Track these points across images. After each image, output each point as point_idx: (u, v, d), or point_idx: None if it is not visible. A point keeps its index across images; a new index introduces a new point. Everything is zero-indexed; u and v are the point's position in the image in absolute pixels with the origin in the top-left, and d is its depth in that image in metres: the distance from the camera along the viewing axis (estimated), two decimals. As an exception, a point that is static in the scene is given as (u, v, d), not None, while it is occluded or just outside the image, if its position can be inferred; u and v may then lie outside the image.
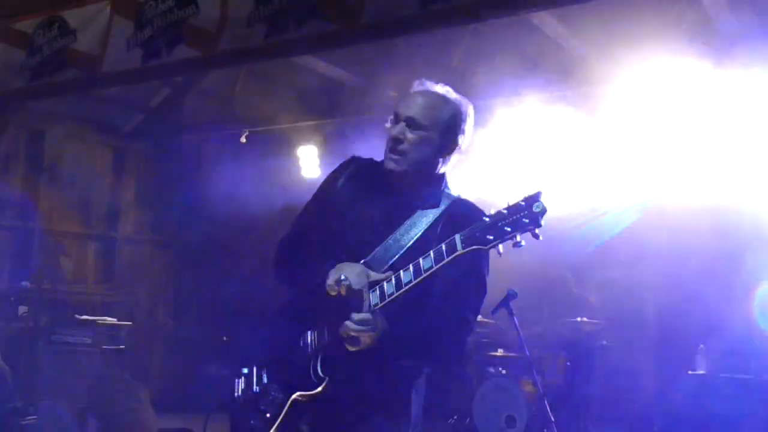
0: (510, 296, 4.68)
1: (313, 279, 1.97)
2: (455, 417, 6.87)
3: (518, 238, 1.69)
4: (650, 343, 7.59)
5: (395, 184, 2.04)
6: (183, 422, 7.01)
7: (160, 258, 8.96)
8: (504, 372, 6.45)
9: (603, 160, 6.40)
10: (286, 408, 1.89)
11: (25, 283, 5.24)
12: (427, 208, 1.98)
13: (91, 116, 8.05)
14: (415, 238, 1.93)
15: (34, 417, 5.94)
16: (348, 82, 6.95)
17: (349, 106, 7.04)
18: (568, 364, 6.40)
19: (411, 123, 1.98)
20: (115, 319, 6.36)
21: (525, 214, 1.66)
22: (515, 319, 4.54)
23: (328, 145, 7.80)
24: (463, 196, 2.08)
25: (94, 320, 6.00)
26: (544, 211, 1.66)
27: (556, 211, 1.93)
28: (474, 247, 1.69)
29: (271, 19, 3.70)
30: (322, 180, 2.20)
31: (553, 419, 4.07)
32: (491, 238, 1.67)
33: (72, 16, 4.56)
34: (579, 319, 6.52)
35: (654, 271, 7.52)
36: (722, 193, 6.48)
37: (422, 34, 4.55)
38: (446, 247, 1.73)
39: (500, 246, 1.71)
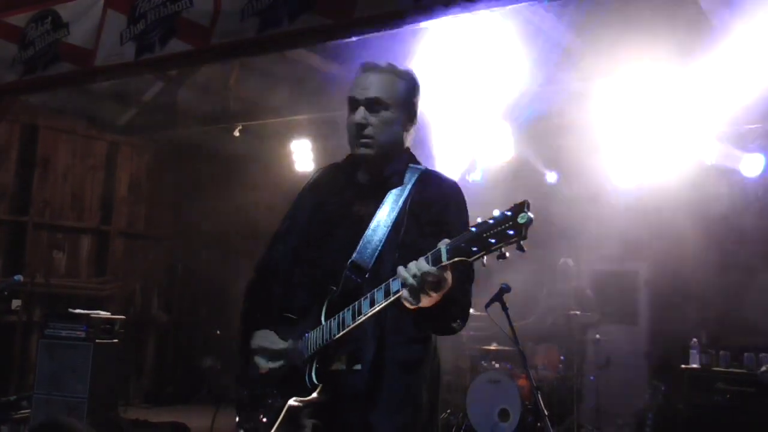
0: (503, 290, 4.69)
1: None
2: (449, 411, 6.90)
3: (503, 250, 1.60)
4: (643, 338, 7.64)
5: (366, 170, 2.02)
6: (176, 416, 7.03)
7: (154, 252, 8.96)
8: (497, 366, 6.48)
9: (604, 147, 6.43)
10: (282, 414, 1.88)
11: (19, 277, 5.20)
12: (396, 187, 1.94)
13: (84, 110, 8.02)
14: (393, 223, 1.87)
15: (27, 411, 5.94)
16: (341, 75, 6.93)
17: (343, 99, 7.02)
18: (562, 357, 6.43)
19: (370, 105, 1.96)
20: (108, 313, 6.34)
21: (510, 225, 1.58)
22: (508, 312, 4.55)
23: (321, 139, 7.80)
24: (429, 167, 2.05)
25: (88, 314, 5.98)
26: (529, 222, 1.58)
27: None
28: (458, 258, 1.60)
29: (264, 12, 3.69)
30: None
31: (546, 413, 4.08)
32: (476, 249, 1.58)
33: (65, 10, 4.53)
34: (573, 312, 6.54)
35: (648, 264, 7.57)
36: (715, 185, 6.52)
37: (416, 27, 4.53)
38: (432, 257, 1.62)
39: (484, 257, 1.62)
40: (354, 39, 3.59)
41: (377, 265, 1.83)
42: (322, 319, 1.84)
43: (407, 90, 1.99)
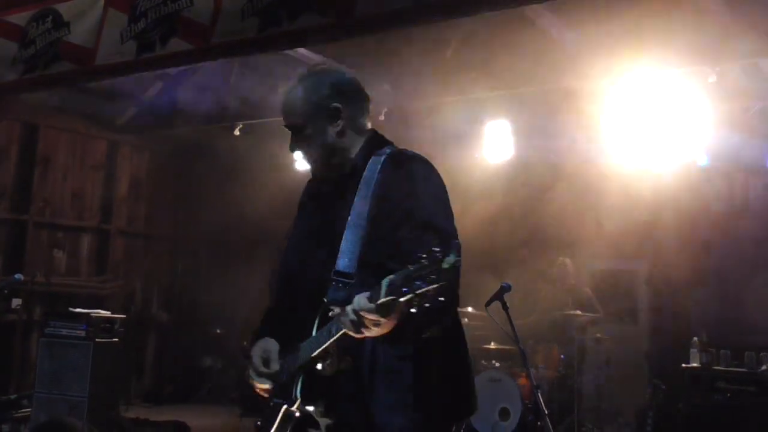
0: (504, 289, 4.69)
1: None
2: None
3: (429, 294, 1.52)
4: (644, 336, 7.64)
5: (332, 183, 2.03)
6: (176, 415, 7.03)
7: (154, 251, 8.96)
8: (497, 365, 6.48)
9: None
10: (278, 418, 1.89)
11: (19, 276, 5.21)
12: (362, 183, 1.89)
13: (85, 109, 8.02)
14: (365, 222, 1.83)
15: (28, 409, 5.94)
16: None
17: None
18: (562, 357, 6.43)
19: (290, 130, 2.00)
20: (108, 312, 6.35)
21: (435, 269, 1.51)
22: (509, 312, 4.55)
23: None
24: (401, 148, 1.99)
25: (88, 313, 5.98)
26: (453, 266, 1.51)
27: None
28: (391, 297, 1.55)
29: (264, 11, 3.69)
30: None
31: (546, 412, 4.09)
32: (406, 290, 1.53)
33: (65, 9, 4.54)
34: (573, 311, 6.54)
35: (648, 263, 7.57)
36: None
37: (416, 27, 4.53)
38: (373, 294, 1.60)
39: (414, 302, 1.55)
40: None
41: (361, 268, 1.81)
42: (314, 330, 1.86)
43: (306, 97, 1.96)
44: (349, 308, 1.65)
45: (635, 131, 5.97)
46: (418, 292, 1.52)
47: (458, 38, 6.07)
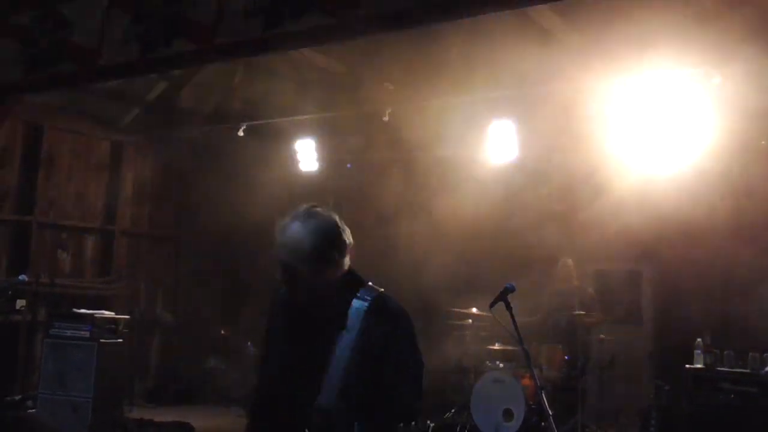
0: (508, 290, 4.67)
1: None
2: (453, 410, 6.89)
3: None
4: (648, 337, 7.62)
5: (315, 316, 2.20)
6: (180, 415, 7.04)
7: (158, 251, 8.97)
8: (501, 366, 6.47)
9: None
10: None
11: (23, 277, 5.23)
12: (345, 330, 2.11)
13: (89, 110, 8.03)
14: (347, 365, 2.07)
15: (33, 410, 5.95)
16: (345, 74, 6.95)
17: (347, 99, 7.03)
18: (566, 357, 6.42)
19: (284, 266, 2.15)
20: (112, 313, 6.36)
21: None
22: (513, 313, 4.53)
23: (325, 138, 7.80)
24: (380, 293, 2.18)
25: (92, 314, 5.99)
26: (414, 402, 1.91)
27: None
28: None
29: (267, 11, 3.69)
30: (319, 181, 2.24)
31: (550, 412, 4.07)
32: None
33: (69, 9, 4.54)
34: (577, 312, 6.53)
35: (652, 264, 7.55)
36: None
37: (419, 27, 4.53)
38: None
39: None
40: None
41: (340, 405, 2.04)
42: None
43: (311, 250, 2.12)
44: None
45: (640, 132, 5.96)
46: None
47: (462, 38, 6.07)
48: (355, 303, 2.13)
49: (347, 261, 2.21)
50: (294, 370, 2.18)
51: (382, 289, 2.20)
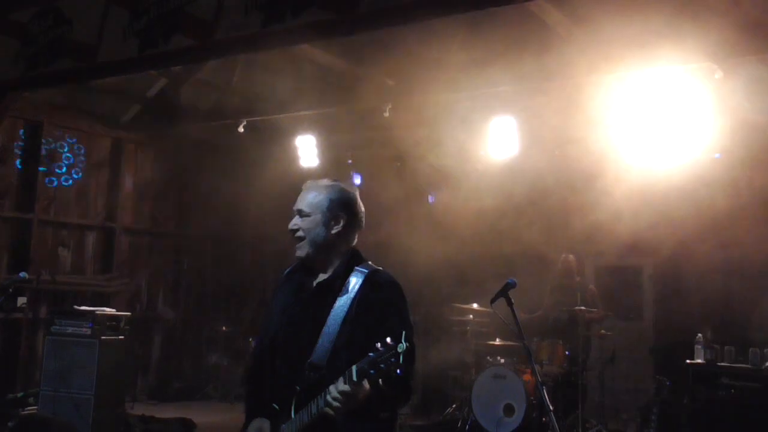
0: (509, 285, 4.67)
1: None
2: (454, 406, 6.90)
3: (392, 371, 1.98)
4: (648, 333, 7.62)
5: (312, 273, 2.37)
6: (182, 412, 7.05)
7: (159, 248, 8.97)
8: (502, 361, 6.48)
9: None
10: None
11: (24, 274, 5.22)
12: (342, 292, 2.27)
13: (89, 107, 8.02)
14: (341, 326, 2.23)
15: (35, 407, 5.96)
16: (345, 70, 6.93)
17: (347, 95, 7.02)
18: (567, 353, 6.42)
19: (300, 213, 2.36)
20: (114, 310, 6.36)
21: (392, 354, 1.96)
22: (514, 308, 4.53)
23: (325, 134, 7.78)
24: (376, 268, 2.35)
25: (93, 311, 5.99)
26: (405, 350, 1.96)
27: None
28: (364, 378, 2.01)
29: (267, 7, 3.68)
30: (318, 171, 2.31)
31: (551, 408, 4.07)
32: (373, 372, 1.98)
33: (67, 6, 4.53)
34: (578, 308, 6.53)
35: (653, 260, 7.54)
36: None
37: (420, 22, 4.51)
38: (347, 376, 2.02)
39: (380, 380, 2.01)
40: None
41: (331, 363, 2.18)
42: (292, 413, 2.22)
43: (327, 199, 2.35)
44: (331, 388, 2.05)
45: (641, 127, 5.94)
46: (383, 372, 1.97)
47: (463, 34, 6.05)
48: (354, 273, 2.31)
49: (355, 237, 2.40)
50: (291, 331, 2.32)
51: (380, 267, 2.36)
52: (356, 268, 2.32)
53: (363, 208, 2.41)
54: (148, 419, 6.63)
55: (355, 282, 2.28)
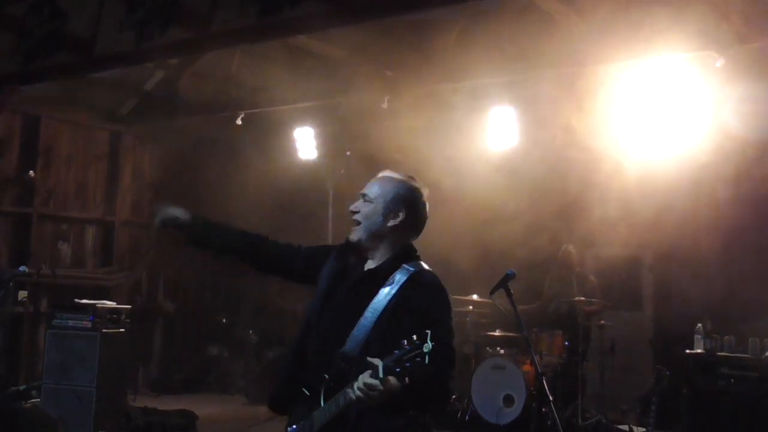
0: (509, 276, 4.67)
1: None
2: (453, 396, 6.92)
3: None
4: (648, 323, 7.62)
5: (359, 260, 2.39)
6: (184, 404, 7.07)
7: (159, 241, 8.96)
8: (502, 352, 6.49)
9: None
10: None
11: (24, 268, 5.23)
12: (386, 286, 2.27)
13: (86, 100, 8.00)
14: (378, 320, 2.23)
15: (37, 400, 5.98)
16: (343, 61, 6.90)
17: (345, 86, 6.99)
18: (567, 343, 6.43)
19: (364, 197, 2.39)
20: (114, 303, 6.37)
21: (418, 353, 1.96)
22: (513, 299, 4.54)
23: (324, 126, 7.76)
24: (424, 268, 2.35)
25: (94, 304, 6.00)
26: (430, 350, 1.96)
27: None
28: (390, 376, 1.99)
29: (264, -2, 3.65)
30: (318, 169, 2.32)
31: (551, 398, 4.09)
32: (399, 370, 1.97)
33: (63, -1, 4.51)
34: (577, 298, 6.53)
35: (652, 250, 7.54)
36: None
37: (417, 12, 4.49)
38: (373, 372, 2.00)
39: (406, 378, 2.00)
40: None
41: (363, 355, 2.15)
42: (322, 401, 2.22)
43: (393, 192, 2.37)
44: (360, 379, 2.03)
45: (641, 117, 5.92)
46: (408, 370, 1.96)
47: (462, 24, 6.02)
48: (400, 270, 2.30)
49: (409, 237, 2.41)
50: (329, 316, 2.34)
51: (429, 268, 2.37)
52: (404, 264, 2.33)
53: (427, 214, 2.42)
54: (149, 411, 6.65)
55: (399, 278, 2.29)
